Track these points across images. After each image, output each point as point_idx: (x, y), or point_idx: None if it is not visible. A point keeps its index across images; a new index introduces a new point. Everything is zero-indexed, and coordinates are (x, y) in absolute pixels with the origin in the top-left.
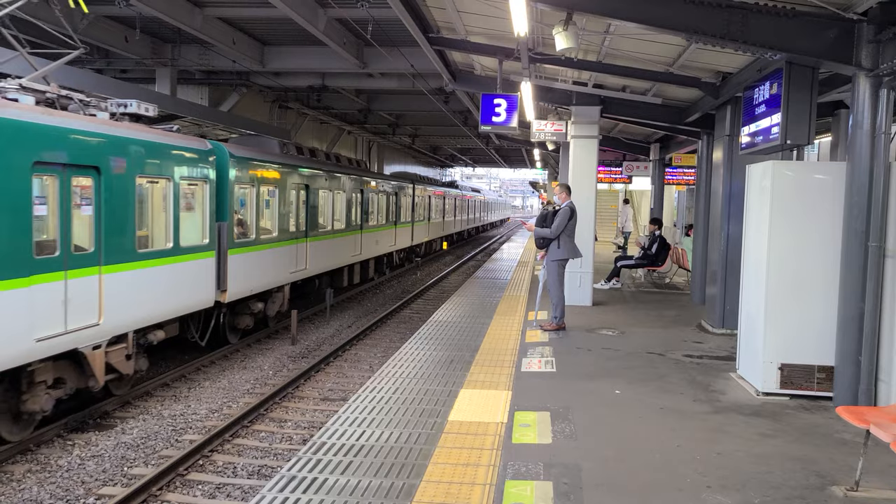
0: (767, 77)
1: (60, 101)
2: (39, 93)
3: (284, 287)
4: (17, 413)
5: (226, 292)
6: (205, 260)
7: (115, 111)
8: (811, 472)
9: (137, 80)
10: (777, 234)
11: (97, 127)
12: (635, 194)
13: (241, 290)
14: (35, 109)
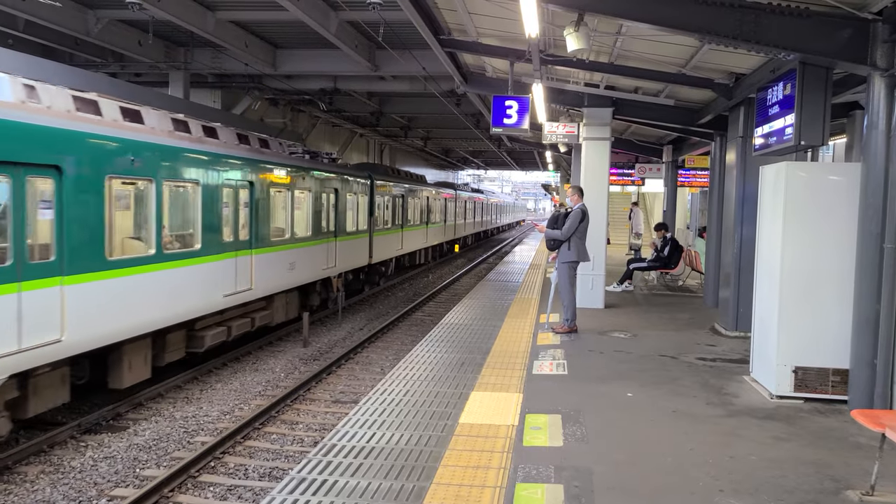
0: (781, 78)
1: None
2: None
3: (393, 259)
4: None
5: (371, 258)
6: (365, 238)
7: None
8: (826, 477)
9: (151, 84)
10: (791, 235)
11: (330, 168)
12: (648, 197)
13: (379, 258)
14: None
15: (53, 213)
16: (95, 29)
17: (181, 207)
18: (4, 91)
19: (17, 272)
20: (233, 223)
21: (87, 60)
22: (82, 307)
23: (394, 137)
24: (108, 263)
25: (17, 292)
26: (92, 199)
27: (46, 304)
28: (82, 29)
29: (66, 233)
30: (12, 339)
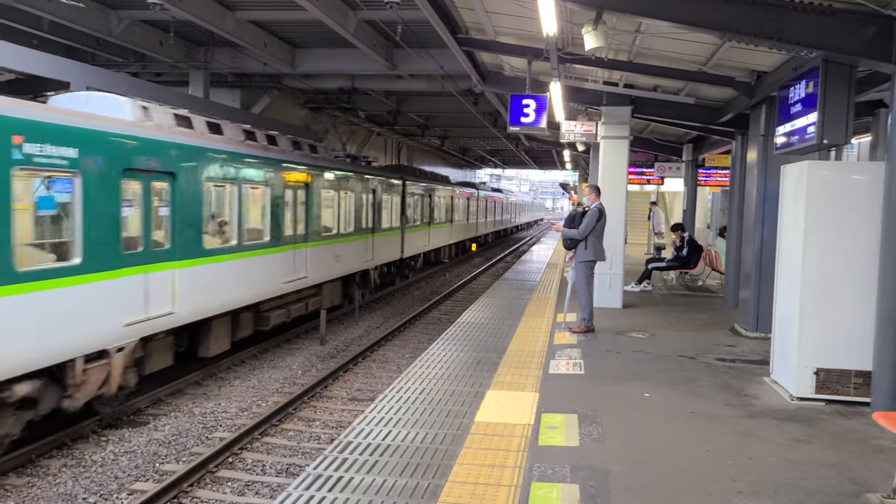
0: (803, 76)
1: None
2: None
3: (421, 254)
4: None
5: (403, 252)
6: (398, 234)
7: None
8: (846, 479)
9: (171, 84)
10: (812, 235)
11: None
12: (667, 196)
13: (409, 253)
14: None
15: (168, 211)
16: (118, 29)
17: (253, 205)
18: (125, 112)
19: (145, 257)
20: (292, 219)
21: (109, 60)
22: (186, 287)
23: (411, 136)
24: (204, 252)
25: (145, 273)
26: (194, 199)
27: (163, 284)
28: (105, 29)
29: (176, 227)
30: (141, 310)
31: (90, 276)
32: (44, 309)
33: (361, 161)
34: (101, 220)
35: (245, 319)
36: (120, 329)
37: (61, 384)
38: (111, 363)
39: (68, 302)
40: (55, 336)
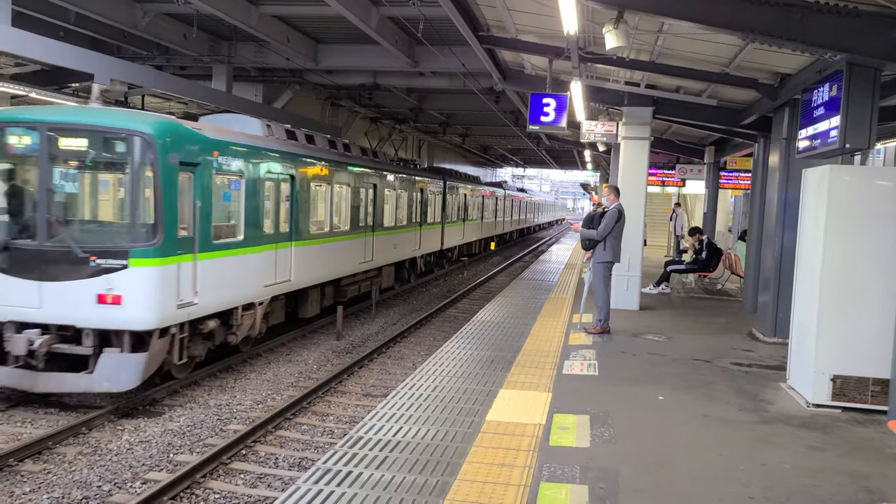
0: (827, 79)
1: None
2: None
3: (457, 247)
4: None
5: (442, 244)
6: (438, 229)
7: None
8: (860, 488)
9: (195, 77)
10: (833, 240)
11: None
12: (689, 198)
13: (447, 245)
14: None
15: (288, 205)
16: (143, 22)
17: (338, 201)
18: (256, 129)
19: (276, 238)
20: (364, 213)
21: (135, 53)
22: (299, 262)
23: (432, 134)
24: (311, 236)
25: (276, 250)
26: (305, 196)
27: (286, 259)
28: (130, 22)
29: (294, 216)
30: (273, 276)
31: (247, 250)
32: (224, 270)
33: (410, 164)
34: (253, 210)
35: (329, 292)
36: (261, 289)
37: (228, 325)
38: (256, 313)
39: (235, 266)
40: (228, 290)
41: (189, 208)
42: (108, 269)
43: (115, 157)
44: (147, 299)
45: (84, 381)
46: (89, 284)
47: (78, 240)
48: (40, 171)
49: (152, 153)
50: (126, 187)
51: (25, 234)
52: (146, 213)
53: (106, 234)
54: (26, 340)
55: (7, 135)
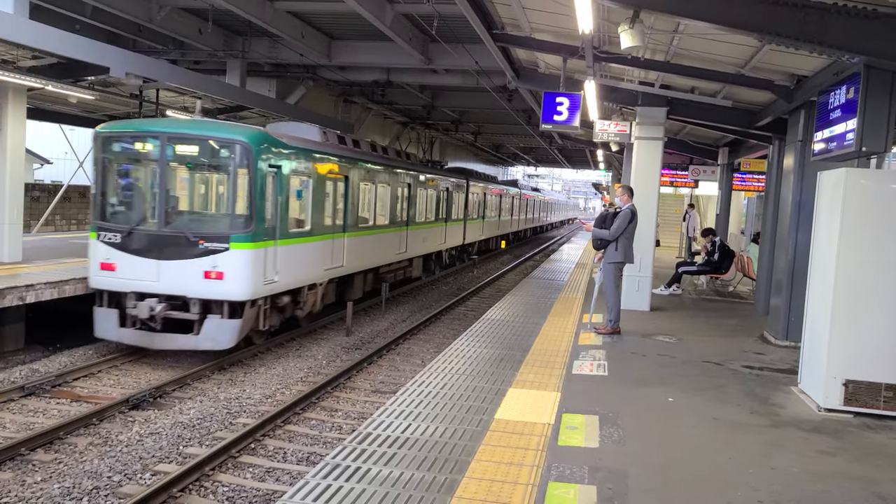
0: (844, 81)
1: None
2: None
3: (477, 242)
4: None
5: (465, 239)
6: (461, 225)
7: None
8: (871, 494)
9: (209, 72)
10: (847, 244)
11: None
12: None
13: (469, 241)
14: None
15: (343, 201)
16: (158, 16)
17: (381, 198)
18: (315, 135)
19: (333, 229)
20: (400, 209)
21: (150, 47)
22: (349, 250)
23: (444, 131)
24: (359, 228)
25: (333, 239)
26: (355, 193)
27: (340, 247)
28: (146, 16)
29: (348, 210)
30: (330, 261)
31: (313, 238)
32: (296, 255)
33: (437, 165)
34: (318, 205)
35: (369, 279)
36: (322, 271)
37: (296, 301)
38: (317, 292)
39: (304, 252)
40: (299, 271)
41: (272, 203)
42: (213, 251)
43: (220, 160)
44: (243, 276)
45: (192, 341)
46: (198, 263)
47: (189, 227)
48: (160, 171)
49: (249, 158)
50: (227, 185)
51: (146, 222)
52: (243, 206)
53: (211, 223)
54: (149, 307)
55: (134, 142)
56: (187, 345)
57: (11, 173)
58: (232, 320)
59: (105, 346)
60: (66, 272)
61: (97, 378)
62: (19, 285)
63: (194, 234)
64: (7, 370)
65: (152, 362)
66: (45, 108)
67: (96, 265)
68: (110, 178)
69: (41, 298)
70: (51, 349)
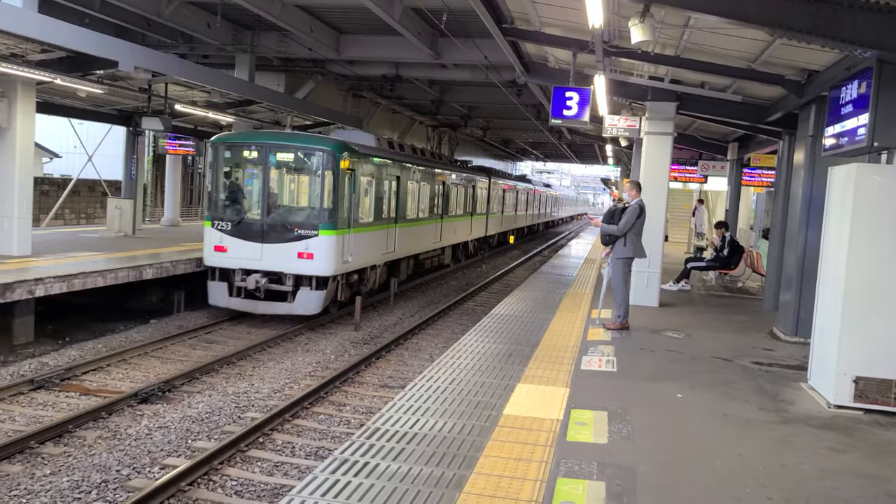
0: (856, 76)
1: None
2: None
3: (497, 234)
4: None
5: (487, 231)
6: (484, 218)
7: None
8: (881, 491)
9: (218, 66)
10: (858, 240)
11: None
12: (710, 195)
13: (491, 232)
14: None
15: (396, 197)
16: (167, 10)
17: (423, 195)
18: (371, 141)
19: (388, 220)
20: (436, 204)
21: (159, 41)
22: (399, 239)
23: (453, 126)
24: (405, 219)
25: (387, 229)
26: (404, 190)
27: (391, 236)
28: (154, 10)
29: (398, 205)
30: (385, 248)
31: (374, 227)
32: (363, 241)
33: (464, 164)
34: (378, 200)
35: (411, 263)
36: (380, 255)
37: (361, 279)
38: (377, 272)
39: (368, 239)
40: (365, 255)
41: (348, 199)
42: (305, 236)
43: (310, 165)
44: (328, 257)
45: (287, 307)
46: (293, 246)
47: (286, 218)
48: (263, 173)
49: (333, 163)
50: (316, 185)
51: (252, 213)
52: (328, 201)
53: (304, 215)
54: (255, 280)
55: (243, 150)
56: (284, 310)
57: (21, 167)
58: (318, 291)
59: (114, 340)
60: (76, 266)
61: (106, 372)
62: (29, 279)
63: (291, 223)
64: (17, 363)
65: (161, 356)
66: (55, 101)
67: (210, 248)
68: (222, 178)
69: (50, 292)
70: (60, 343)
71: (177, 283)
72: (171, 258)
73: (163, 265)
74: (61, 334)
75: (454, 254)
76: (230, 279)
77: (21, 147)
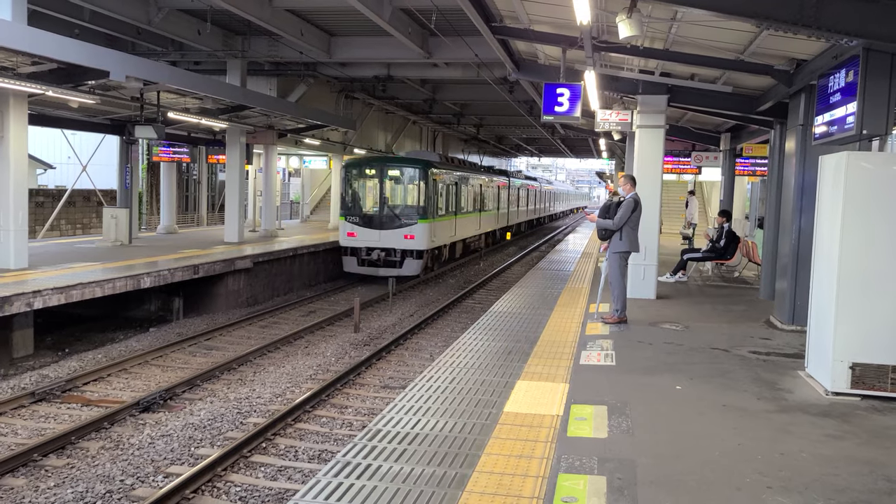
0: (843, 64)
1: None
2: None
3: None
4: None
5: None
6: (505, 212)
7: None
8: (880, 476)
9: (209, 72)
10: (850, 227)
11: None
12: (705, 185)
13: (511, 223)
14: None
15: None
16: (157, 18)
17: (467, 195)
18: (436, 157)
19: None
20: (475, 201)
21: (149, 49)
22: (457, 226)
23: (447, 124)
24: (461, 214)
25: (451, 219)
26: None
27: (453, 225)
28: (144, 18)
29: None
30: (451, 233)
31: (445, 218)
32: (440, 228)
33: (490, 169)
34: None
35: (461, 246)
36: (448, 238)
37: (439, 255)
38: (446, 250)
39: (442, 227)
40: (441, 237)
41: (432, 199)
42: (408, 224)
43: (411, 176)
44: (423, 237)
45: (398, 271)
46: (401, 231)
47: (396, 212)
48: (380, 184)
49: (424, 175)
50: (414, 190)
51: (372, 209)
52: (422, 201)
53: (408, 210)
54: (377, 254)
55: (366, 169)
56: (395, 273)
57: (15, 180)
58: (418, 260)
59: (114, 350)
60: (74, 277)
61: (107, 382)
62: (27, 291)
63: (399, 215)
64: (17, 376)
65: (161, 364)
66: (47, 113)
67: (344, 234)
68: (351, 188)
69: (49, 304)
70: (60, 354)
71: (175, 291)
72: (169, 266)
73: (160, 273)
74: (61, 346)
75: (485, 240)
76: (358, 255)
77: (15, 159)
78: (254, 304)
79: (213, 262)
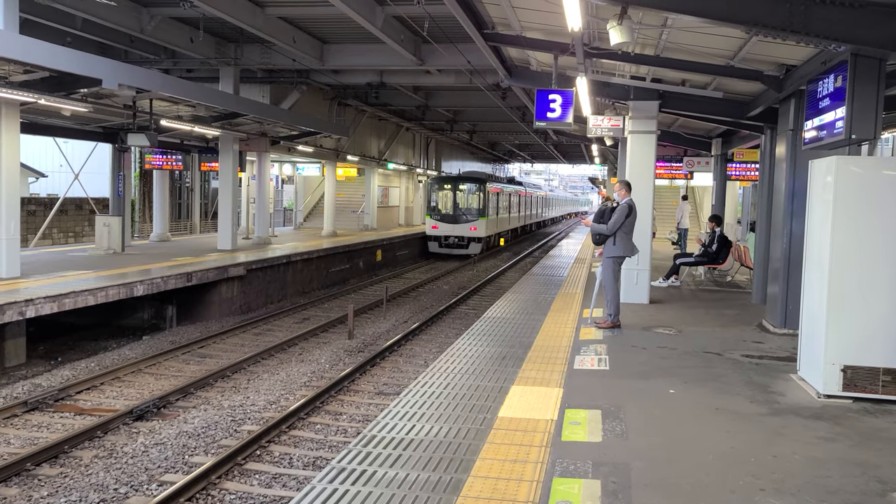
0: (832, 70)
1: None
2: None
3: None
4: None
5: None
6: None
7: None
8: (872, 478)
9: (202, 80)
10: (841, 231)
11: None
12: (697, 190)
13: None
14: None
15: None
16: (149, 26)
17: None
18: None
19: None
20: (510, 205)
21: (142, 57)
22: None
23: (440, 131)
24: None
25: (496, 218)
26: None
27: (497, 222)
28: (136, 26)
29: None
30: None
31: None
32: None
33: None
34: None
35: (504, 237)
36: (495, 231)
37: (492, 242)
38: (496, 238)
39: (493, 222)
40: (492, 229)
41: (488, 205)
42: (473, 220)
43: (475, 189)
44: (483, 229)
45: (466, 251)
46: (468, 224)
47: (465, 212)
48: (454, 193)
49: (484, 188)
50: (477, 198)
51: (449, 210)
52: (483, 206)
53: (472, 211)
54: (452, 240)
55: (445, 183)
56: (465, 252)
57: (7, 188)
58: (479, 244)
59: (107, 358)
60: (66, 285)
61: (100, 390)
62: (19, 300)
63: (466, 215)
64: (10, 385)
65: (155, 372)
66: (39, 121)
67: (429, 227)
68: (434, 196)
69: (41, 313)
70: (52, 363)
71: (168, 299)
72: (162, 273)
73: (153, 281)
74: (53, 354)
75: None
76: (439, 240)
77: (6, 168)
78: (247, 312)
79: (207, 270)
